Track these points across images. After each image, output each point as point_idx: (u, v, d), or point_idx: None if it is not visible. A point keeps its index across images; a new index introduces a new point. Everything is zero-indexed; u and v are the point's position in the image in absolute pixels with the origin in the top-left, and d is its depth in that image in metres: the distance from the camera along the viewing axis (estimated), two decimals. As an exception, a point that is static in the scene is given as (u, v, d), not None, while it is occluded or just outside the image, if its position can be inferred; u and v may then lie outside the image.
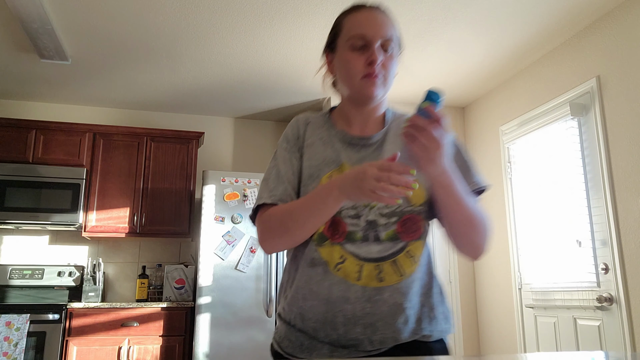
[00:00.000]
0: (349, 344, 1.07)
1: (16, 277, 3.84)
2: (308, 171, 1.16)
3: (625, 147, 2.77)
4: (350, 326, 1.07)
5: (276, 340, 1.18)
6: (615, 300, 2.75)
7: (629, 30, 2.77)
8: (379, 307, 1.07)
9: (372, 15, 1.17)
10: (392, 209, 1.12)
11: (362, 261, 1.09)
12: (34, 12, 2.81)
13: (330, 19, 2.97)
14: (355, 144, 1.19)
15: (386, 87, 1.17)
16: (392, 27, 1.18)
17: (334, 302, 1.08)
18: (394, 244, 1.11)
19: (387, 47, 1.15)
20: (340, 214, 1.11)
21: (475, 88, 3.98)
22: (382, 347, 1.07)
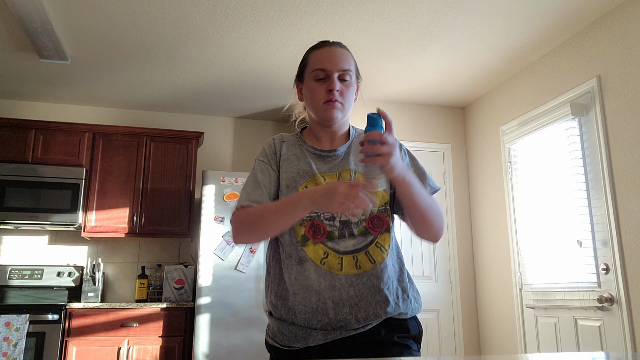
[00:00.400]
0: (339, 325, 1.27)
1: (15, 277, 3.84)
2: (285, 182, 1.36)
3: (625, 147, 2.76)
4: (339, 309, 1.27)
5: (270, 336, 1.36)
6: (615, 300, 2.75)
7: (629, 29, 2.76)
8: (360, 290, 1.29)
9: (332, 50, 1.39)
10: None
11: (342, 254, 1.30)
12: (34, 12, 2.81)
13: (330, 18, 2.98)
14: (324, 156, 1.40)
15: (345, 110, 1.39)
16: (349, 60, 1.39)
17: (323, 291, 1.28)
18: (365, 238, 1.32)
19: (345, 77, 1.37)
20: (319, 218, 1.31)
21: (476, 88, 3.98)
22: (366, 323, 1.28)
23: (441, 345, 3.90)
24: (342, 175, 1.37)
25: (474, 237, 4.12)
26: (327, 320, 1.27)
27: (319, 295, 1.28)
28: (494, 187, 3.87)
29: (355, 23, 3.02)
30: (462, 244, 4.12)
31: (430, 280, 3.97)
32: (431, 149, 4.17)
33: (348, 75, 1.37)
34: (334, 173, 1.37)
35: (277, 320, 1.34)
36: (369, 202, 1.10)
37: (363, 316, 1.28)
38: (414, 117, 4.25)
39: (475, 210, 4.13)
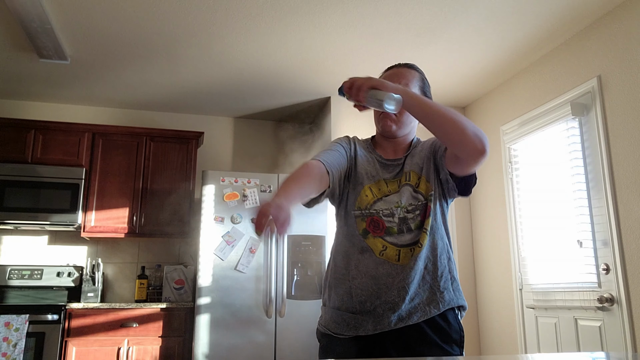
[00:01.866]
0: (388, 306, 1.41)
1: (15, 277, 3.83)
2: (357, 178, 1.53)
3: (626, 147, 2.76)
4: (390, 292, 1.42)
5: (322, 325, 1.52)
6: (616, 300, 2.75)
7: (629, 29, 2.76)
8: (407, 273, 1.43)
9: (397, 70, 1.59)
10: (413, 206, 1.47)
11: (399, 247, 1.45)
12: (33, 12, 2.80)
13: (331, 19, 2.97)
14: (388, 165, 1.56)
15: (402, 123, 1.54)
16: (411, 78, 1.56)
17: (380, 277, 1.43)
18: (420, 230, 1.46)
19: None
20: (378, 215, 1.47)
21: (476, 88, 3.98)
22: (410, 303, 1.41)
23: (441, 346, 3.90)
24: (401, 180, 1.52)
25: (474, 237, 4.12)
26: (378, 302, 1.42)
27: (375, 280, 1.43)
28: (494, 187, 3.86)
29: (355, 23, 3.02)
30: (462, 244, 4.11)
31: (431, 281, 3.96)
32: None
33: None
34: (395, 180, 1.52)
35: (332, 309, 1.49)
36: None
37: (409, 297, 1.41)
38: (414, 117, 4.24)
39: (475, 210, 4.13)
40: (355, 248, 1.47)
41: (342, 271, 1.49)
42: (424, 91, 1.58)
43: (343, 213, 1.53)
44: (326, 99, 4.19)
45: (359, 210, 1.49)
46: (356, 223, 1.48)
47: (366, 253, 1.45)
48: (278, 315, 3.55)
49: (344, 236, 1.51)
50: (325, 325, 1.49)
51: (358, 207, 1.49)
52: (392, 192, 1.49)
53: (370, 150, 1.61)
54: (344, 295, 1.47)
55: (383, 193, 1.50)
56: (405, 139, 1.59)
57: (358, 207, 1.49)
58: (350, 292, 1.45)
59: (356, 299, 1.44)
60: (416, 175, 1.50)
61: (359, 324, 1.43)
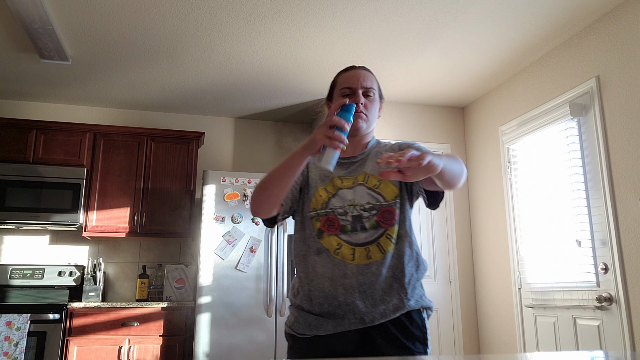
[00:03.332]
0: (348, 308, 1.43)
1: (16, 277, 3.85)
2: (310, 183, 1.56)
3: (624, 147, 2.77)
4: (349, 294, 1.43)
5: (288, 325, 1.54)
6: (614, 300, 2.76)
7: (628, 30, 2.77)
8: (368, 278, 1.44)
9: (357, 72, 1.60)
10: (371, 205, 1.49)
11: (354, 246, 1.46)
12: (35, 12, 2.81)
13: (331, 19, 2.98)
14: (343, 162, 1.58)
15: (369, 122, 1.58)
16: (372, 80, 1.60)
17: (336, 278, 1.44)
18: (377, 231, 1.47)
19: (369, 94, 1.57)
20: (333, 213, 1.49)
21: (475, 88, 3.99)
22: (374, 309, 1.43)
23: (440, 345, 3.91)
24: (357, 178, 1.54)
25: (474, 237, 4.13)
26: (337, 304, 1.44)
27: (332, 281, 1.45)
28: (493, 187, 3.87)
29: (355, 23, 3.03)
30: (461, 243, 4.13)
31: (430, 280, 3.98)
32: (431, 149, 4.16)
33: (371, 92, 1.58)
34: (352, 177, 1.55)
35: (296, 309, 1.53)
36: (343, 138, 1.26)
37: (370, 302, 1.43)
38: (413, 117, 4.26)
39: (474, 210, 4.14)
40: (311, 250, 1.50)
41: (300, 274, 1.53)
42: (380, 93, 1.64)
43: (299, 219, 1.57)
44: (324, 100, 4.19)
45: (314, 211, 1.51)
46: (312, 224, 1.51)
47: (322, 254, 1.48)
48: (278, 314, 3.56)
49: (301, 240, 1.54)
50: (290, 326, 1.53)
51: (313, 208, 1.52)
52: (346, 187, 1.52)
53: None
54: (303, 298, 1.51)
55: (337, 188, 1.53)
56: (366, 137, 1.62)
57: (313, 208, 1.52)
58: (309, 295, 1.49)
59: (315, 302, 1.47)
60: (376, 179, 1.53)
61: (319, 324, 1.46)
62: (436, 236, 4.08)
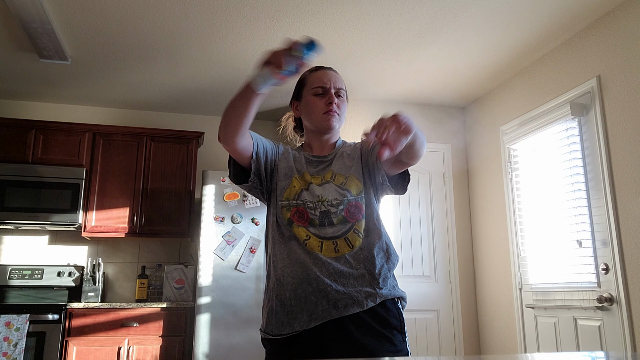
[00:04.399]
0: (321, 294, 1.43)
1: (16, 277, 3.84)
2: (283, 171, 1.60)
3: (625, 147, 2.76)
4: (320, 280, 1.45)
5: (262, 330, 1.53)
6: (615, 300, 2.75)
7: (629, 30, 2.77)
8: (339, 268, 1.46)
9: (328, 72, 1.66)
10: (338, 201, 1.52)
11: (322, 239, 1.49)
12: (34, 12, 2.81)
13: (330, 19, 2.98)
14: (314, 161, 1.64)
15: (340, 121, 1.64)
16: (342, 81, 1.66)
17: (307, 264, 1.46)
18: (344, 226, 1.50)
19: (340, 94, 1.63)
20: (304, 206, 1.52)
21: (476, 88, 3.98)
22: (346, 293, 1.43)
23: (441, 345, 3.90)
24: (325, 176, 1.58)
25: (474, 237, 4.12)
26: (310, 290, 1.44)
27: (303, 267, 1.46)
28: (494, 187, 3.87)
29: (355, 23, 3.02)
30: (461, 243, 4.12)
31: (430, 280, 3.97)
32: (431, 149, 4.17)
33: (342, 92, 1.63)
34: (320, 175, 1.59)
35: (267, 310, 1.51)
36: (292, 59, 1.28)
37: (341, 290, 1.44)
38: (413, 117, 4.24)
39: (475, 210, 4.13)
40: (283, 237, 1.52)
41: (273, 258, 1.53)
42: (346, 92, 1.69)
43: (272, 205, 1.59)
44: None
45: (287, 200, 1.54)
46: (282, 213, 1.53)
47: (293, 241, 1.50)
48: (278, 314, 3.55)
49: (272, 227, 1.56)
50: (264, 330, 1.52)
51: (286, 197, 1.54)
52: (315, 184, 1.55)
53: (299, 150, 1.69)
54: (275, 284, 1.49)
55: (307, 182, 1.56)
56: (333, 136, 1.67)
57: (286, 197, 1.54)
58: (281, 280, 1.48)
59: (287, 287, 1.46)
60: (342, 177, 1.56)
61: (292, 317, 1.44)
62: (436, 236, 4.07)
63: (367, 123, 4.08)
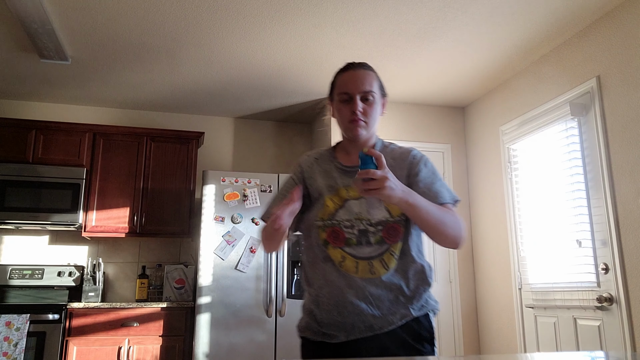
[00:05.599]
0: (358, 318, 1.43)
1: (16, 277, 3.84)
2: (315, 194, 1.56)
3: (625, 147, 2.76)
4: (356, 305, 1.43)
5: (300, 329, 1.56)
6: (615, 300, 2.75)
7: (629, 30, 2.77)
8: (374, 291, 1.44)
9: (355, 74, 1.54)
10: (377, 220, 1.46)
11: (357, 259, 1.46)
12: (34, 12, 2.81)
13: (331, 18, 2.98)
14: (348, 171, 1.54)
15: (369, 126, 1.53)
16: (371, 81, 1.54)
17: (343, 288, 1.45)
18: (381, 246, 1.46)
19: (367, 97, 1.52)
20: (339, 226, 1.48)
21: (476, 88, 3.98)
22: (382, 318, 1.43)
23: (441, 345, 3.91)
24: None
25: (474, 237, 4.13)
26: (347, 313, 1.44)
27: (340, 291, 1.45)
28: (494, 186, 3.87)
29: (355, 22, 3.03)
30: (461, 243, 4.12)
31: (430, 280, 3.97)
32: (431, 149, 4.17)
33: (370, 95, 1.52)
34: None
35: (307, 315, 1.53)
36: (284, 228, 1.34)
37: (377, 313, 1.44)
38: (413, 117, 4.26)
39: (474, 210, 4.14)
40: (319, 257, 1.50)
41: (309, 280, 1.54)
42: (382, 91, 1.59)
43: (306, 226, 1.56)
44: (326, 98, 4.20)
45: (322, 220, 1.50)
46: (318, 233, 1.50)
47: (329, 262, 1.48)
48: (278, 314, 3.56)
49: (309, 247, 1.55)
50: (302, 331, 1.54)
51: (321, 217, 1.50)
52: (352, 198, 1.49)
53: (329, 160, 1.60)
54: (311, 304, 1.51)
55: (343, 199, 1.50)
56: (369, 141, 1.58)
57: (321, 217, 1.50)
58: (317, 301, 1.49)
59: (323, 308, 1.47)
60: None
61: (329, 336, 1.46)
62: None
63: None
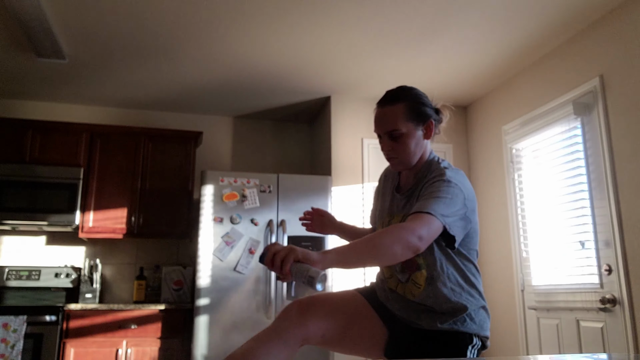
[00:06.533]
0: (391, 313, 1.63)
1: (13, 278, 3.81)
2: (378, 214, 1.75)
3: (628, 147, 2.74)
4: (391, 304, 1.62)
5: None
6: (618, 301, 2.73)
7: (632, 28, 2.74)
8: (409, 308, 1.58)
9: (380, 112, 1.59)
10: None
11: (398, 281, 1.61)
12: (32, 11, 2.78)
13: (331, 18, 2.95)
14: (398, 197, 1.64)
15: (406, 158, 1.59)
16: (395, 118, 1.55)
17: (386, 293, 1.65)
18: (404, 275, 1.58)
19: (395, 135, 1.56)
20: None
21: (478, 87, 3.96)
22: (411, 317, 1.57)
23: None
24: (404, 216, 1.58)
25: (475, 238, 4.10)
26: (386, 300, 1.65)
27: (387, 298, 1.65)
28: (496, 187, 3.84)
29: (355, 22, 3.00)
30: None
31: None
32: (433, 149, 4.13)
33: (396, 133, 1.56)
34: (402, 214, 1.59)
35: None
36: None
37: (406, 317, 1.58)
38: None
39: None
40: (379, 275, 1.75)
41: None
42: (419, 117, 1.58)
43: None
44: (326, 98, 4.16)
45: None
46: None
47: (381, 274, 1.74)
48: (278, 316, 3.52)
49: None
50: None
51: None
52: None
53: (393, 179, 1.73)
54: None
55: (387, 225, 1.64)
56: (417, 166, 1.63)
57: None
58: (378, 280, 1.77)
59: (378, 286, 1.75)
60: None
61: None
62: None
63: (368, 122, 4.06)
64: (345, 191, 3.95)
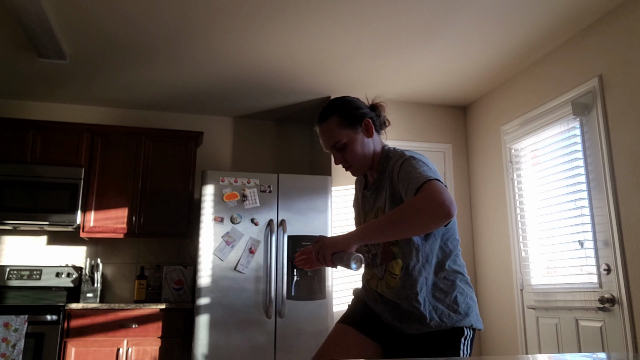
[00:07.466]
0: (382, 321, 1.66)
1: (14, 277, 3.82)
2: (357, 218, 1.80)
3: (627, 147, 2.74)
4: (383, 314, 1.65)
5: (357, 290, 1.81)
6: (617, 301, 2.73)
7: (631, 29, 2.75)
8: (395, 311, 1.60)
9: (320, 132, 1.63)
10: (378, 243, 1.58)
11: (378, 280, 1.63)
12: (32, 11, 2.79)
13: (330, 18, 2.96)
14: (366, 196, 1.68)
15: (361, 162, 1.61)
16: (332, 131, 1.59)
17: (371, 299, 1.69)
18: (381, 268, 1.60)
19: (339, 147, 1.60)
20: (361, 250, 1.64)
21: (477, 87, 3.96)
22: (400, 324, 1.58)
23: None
24: (376, 213, 1.60)
25: (475, 238, 4.11)
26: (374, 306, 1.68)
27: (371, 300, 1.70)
28: (495, 187, 3.85)
29: (355, 22, 3.00)
30: (462, 244, 4.10)
31: (431, 281, 3.95)
32: (432, 149, 4.15)
33: (339, 144, 1.59)
34: (373, 211, 1.62)
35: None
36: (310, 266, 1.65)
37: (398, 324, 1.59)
38: (414, 117, 4.24)
39: (476, 210, 4.12)
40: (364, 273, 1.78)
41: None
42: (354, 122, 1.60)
43: None
44: (326, 98, 4.17)
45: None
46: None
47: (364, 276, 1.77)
48: (278, 315, 3.53)
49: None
50: (357, 292, 1.77)
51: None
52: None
53: (361, 182, 1.76)
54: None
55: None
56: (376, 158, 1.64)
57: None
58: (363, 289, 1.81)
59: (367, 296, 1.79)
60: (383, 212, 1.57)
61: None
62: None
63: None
64: (345, 191, 3.96)
